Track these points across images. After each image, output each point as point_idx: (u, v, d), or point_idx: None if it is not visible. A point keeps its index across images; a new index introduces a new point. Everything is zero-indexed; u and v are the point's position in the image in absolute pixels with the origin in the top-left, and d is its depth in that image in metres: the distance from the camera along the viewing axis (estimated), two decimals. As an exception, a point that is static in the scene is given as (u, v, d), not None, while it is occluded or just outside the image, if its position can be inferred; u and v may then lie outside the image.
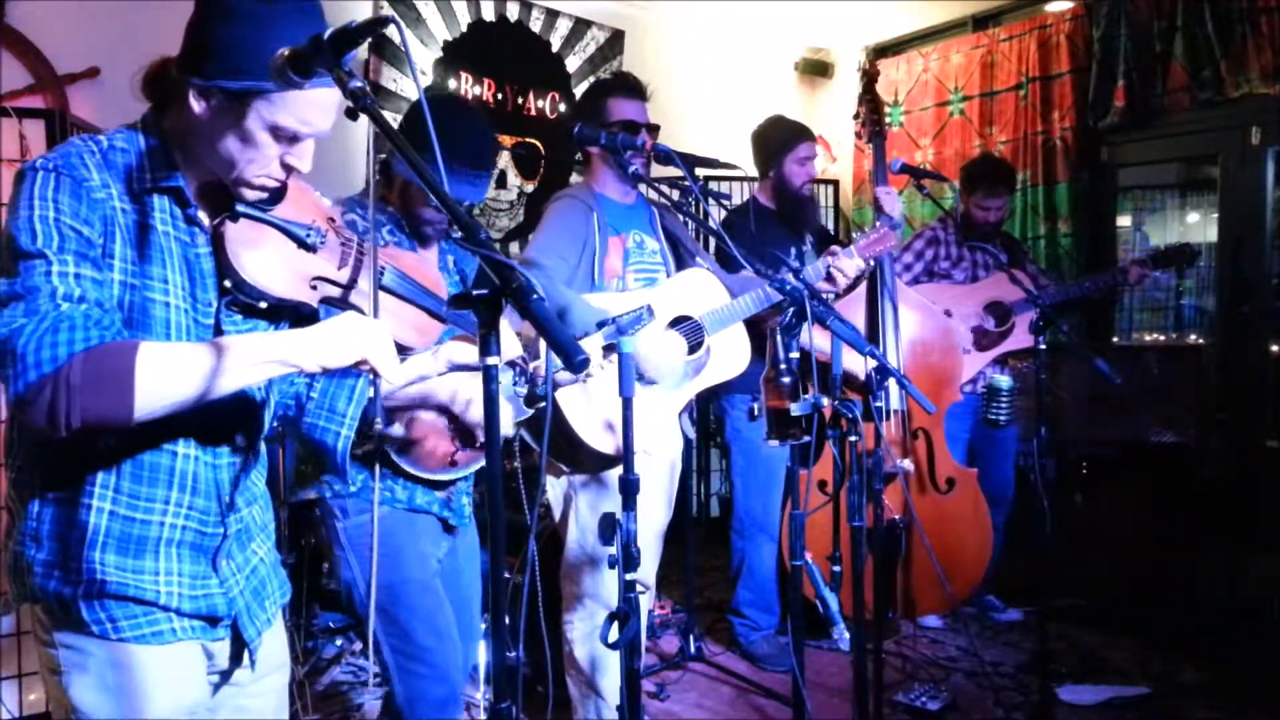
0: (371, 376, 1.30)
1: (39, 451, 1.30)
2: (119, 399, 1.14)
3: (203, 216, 1.35)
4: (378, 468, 1.96)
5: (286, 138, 1.27)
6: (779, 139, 3.59)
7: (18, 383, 1.13)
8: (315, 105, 1.26)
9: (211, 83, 1.23)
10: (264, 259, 1.35)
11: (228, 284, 1.34)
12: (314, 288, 1.40)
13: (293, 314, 1.44)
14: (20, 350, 1.13)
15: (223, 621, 1.39)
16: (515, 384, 1.77)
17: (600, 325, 2.21)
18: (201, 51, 1.25)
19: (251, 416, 1.44)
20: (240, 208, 1.33)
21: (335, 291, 1.43)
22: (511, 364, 1.78)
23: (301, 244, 1.37)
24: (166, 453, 1.32)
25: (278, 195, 1.36)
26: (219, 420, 1.37)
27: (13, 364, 1.13)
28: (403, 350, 1.54)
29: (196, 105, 1.25)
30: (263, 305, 1.37)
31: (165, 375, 1.17)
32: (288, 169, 1.31)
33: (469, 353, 1.72)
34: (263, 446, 1.50)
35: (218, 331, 1.36)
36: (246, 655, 1.43)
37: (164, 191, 1.31)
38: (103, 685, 1.30)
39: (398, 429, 1.94)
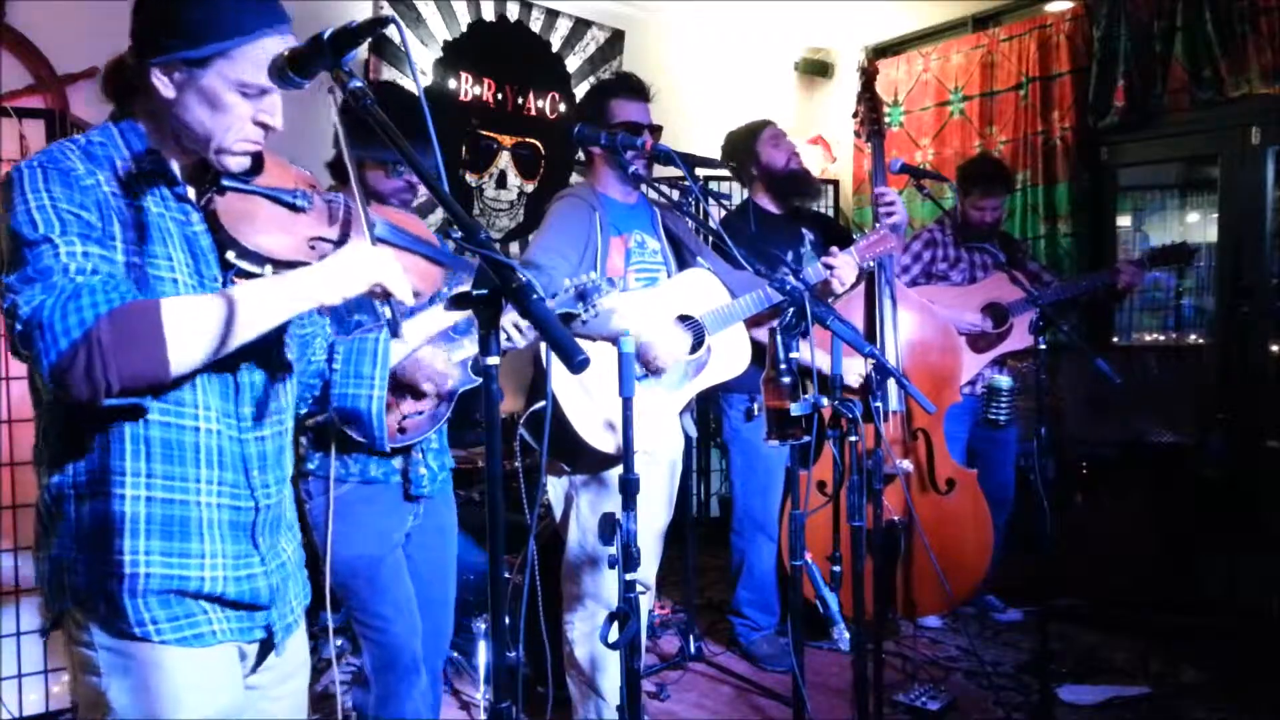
0: (384, 299, 1.30)
1: (67, 450, 1.31)
2: (153, 353, 1.16)
3: (191, 195, 1.36)
4: (334, 447, 2.04)
5: (255, 94, 1.28)
6: (742, 136, 3.59)
7: (50, 354, 1.14)
8: (274, 54, 1.26)
9: (172, 56, 1.25)
10: (261, 227, 1.36)
11: (230, 256, 1.35)
12: (312, 248, 1.41)
13: None
14: (47, 322, 1.14)
15: (263, 610, 1.40)
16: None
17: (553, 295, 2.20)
18: (154, 30, 1.27)
19: (272, 388, 1.44)
20: (225, 181, 1.33)
21: (332, 249, 1.43)
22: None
23: (291, 207, 1.38)
24: (190, 430, 1.32)
25: (257, 167, 1.37)
26: (241, 392, 1.38)
27: (41, 337, 1.15)
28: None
29: (161, 85, 1.27)
30: (267, 271, 1.37)
31: (193, 324, 1.19)
32: (264, 128, 1.32)
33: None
34: (287, 426, 1.49)
35: None
36: (272, 653, 1.44)
37: (150, 174, 1.31)
38: (144, 688, 1.30)
39: None
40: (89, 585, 1.29)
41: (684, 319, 2.58)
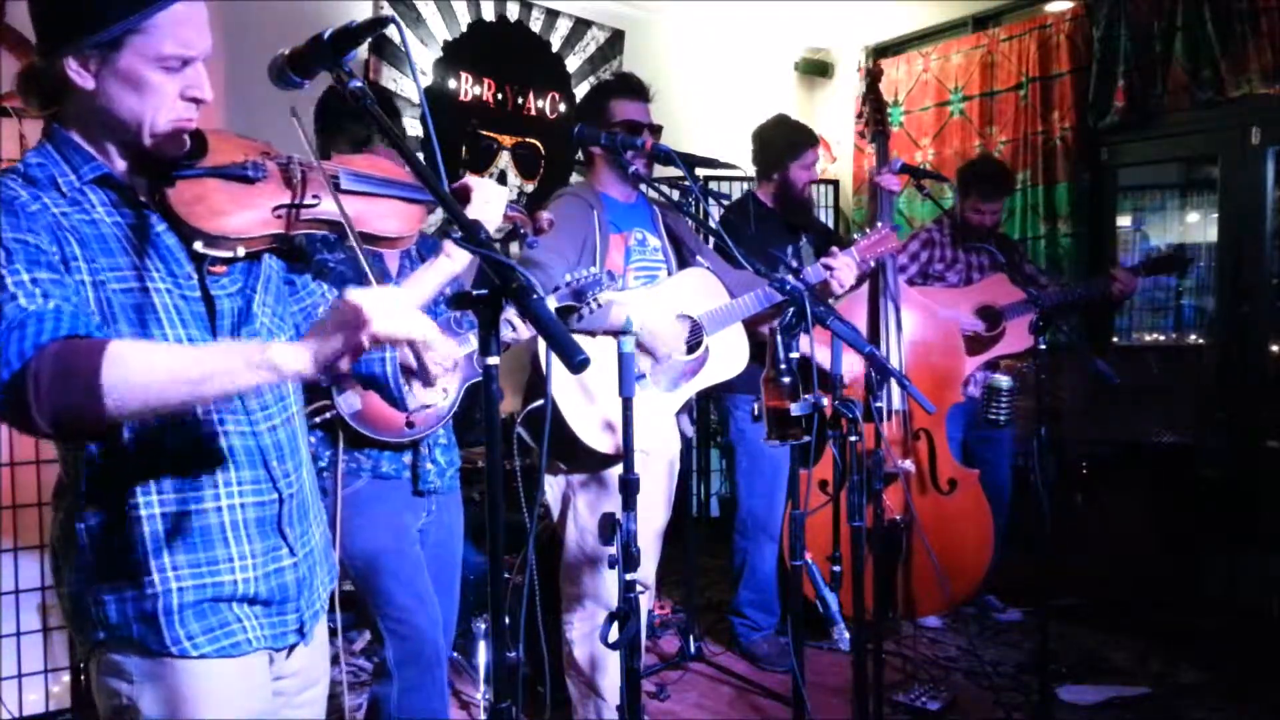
0: (398, 350, 1.20)
1: (76, 480, 1.28)
2: (87, 398, 1.08)
3: (141, 197, 1.31)
4: (341, 439, 2.04)
5: (177, 66, 1.22)
6: (786, 143, 3.57)
7: None
8: (187, 22, 1.22)
9: (83, 44, 1.19)
10: (221, 210, 1.31)
11: (198, 246, 1.30)
12: (279, 216, 1.37)
13: (274, 250, 1.41)
14: None
15: (290, 602, 1.39)
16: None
17: (554, 290, 2.19)
18: (57, 20, 1.22)
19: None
20: (174, 172, 1.28)
21: (300, 212, 1.39)
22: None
23: (245, 179, 1.33)
24: (197, 435, 1.29)
25: (201, 148, 1.32)
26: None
27: None
28: (394, 240, 1.52)
29: (79, 78, 1.21)
30: (241, 252, 1.33)
31: (135, 375, 1.10)
32: (194, 102, 1.26)
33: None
34: (295, 410, 1.47)
35: (207, 298, 1.33)
36: (300, 643, 1.43)
37: (96, 183, 1.27)
38: (178, 697, 1.28)
39: (353, 399, 1.98)
40: (119, 614, 1.26)
41: (682, 319, 2.58)
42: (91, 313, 1.20)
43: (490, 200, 1.66)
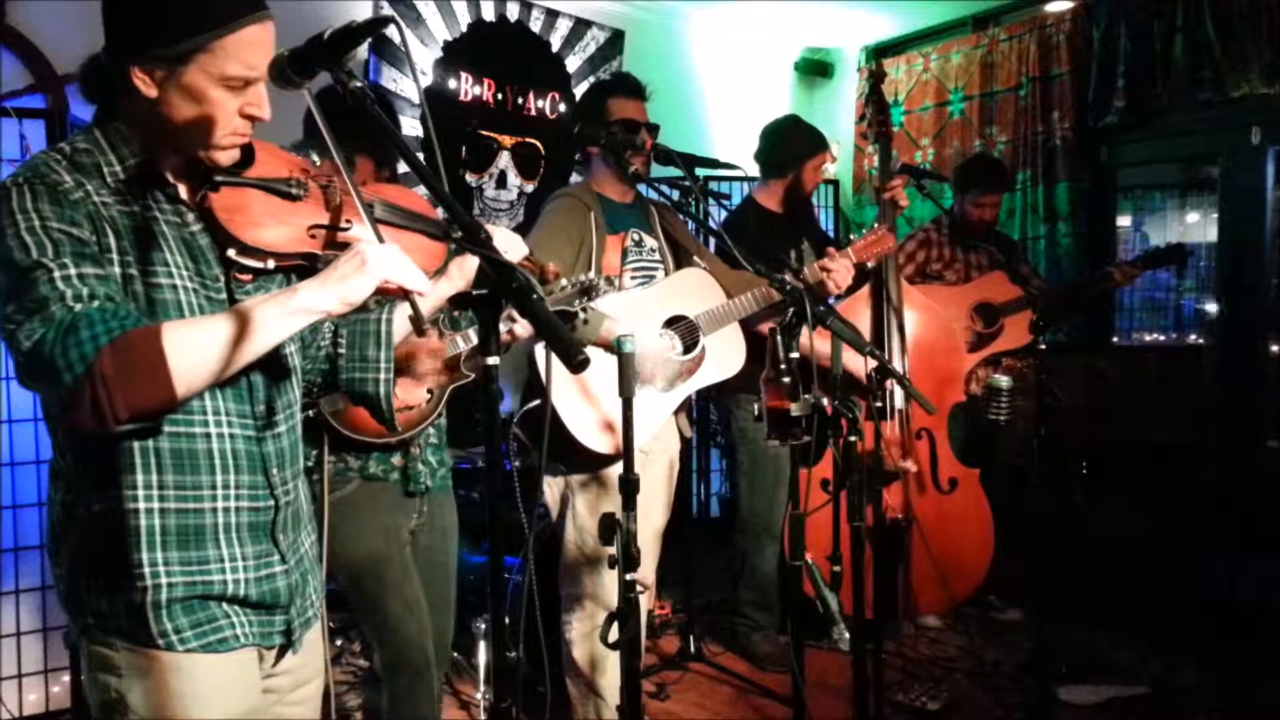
0: (402, 296, 1.23)
1: (79, 466, 1.29)
2: (158, 383, 1.14)
3: (184, 195, 1.33)
4: (325, 441, 2.02)
5: (239, 86, 1.25)
6: (803, 147, 3.52)
7: (57, 389, 1.13)
8: (254, 45, 1.23)
9: (151, 56, 1.21)
10: (259, 221, 1.33)
11: (232, 253, 1.32)
12: (314, 236, 1.39)
13: (299, 268, 1.43)
14: (49, 357, 1.13)
15: (280, 608, 1.39)
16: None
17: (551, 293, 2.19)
18: (129, 29, 1.24)
19: (281, 384, 1.43)
20: (219, 177, 1.30)
21: (334, 235, 1.42)
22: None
23: (287, 196, 1.36)
24: (201, 437, 1.30)
25: (247, 157, 1.34)
26: (250, 392, 1.36)
27: (46, 373, 1.14)
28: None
29: (144, 87, 1.23)
30: (270, 265, 1.36)
31: (195, 350, 1.17)
32: (251, 119, 1.28)
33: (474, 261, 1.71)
34: (299, 419, 1.48)
35: (231, 304, 1.34)
36: (289, 651, 1.44)
37: (140, 178, 1.28)
38: (165, 690, 1.29)
39: (335, 398, 1.98)
40: (110, 601, 1.28)
41: (678, 319, 2.58)
42: (131, 303, 1.23)
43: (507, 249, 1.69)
